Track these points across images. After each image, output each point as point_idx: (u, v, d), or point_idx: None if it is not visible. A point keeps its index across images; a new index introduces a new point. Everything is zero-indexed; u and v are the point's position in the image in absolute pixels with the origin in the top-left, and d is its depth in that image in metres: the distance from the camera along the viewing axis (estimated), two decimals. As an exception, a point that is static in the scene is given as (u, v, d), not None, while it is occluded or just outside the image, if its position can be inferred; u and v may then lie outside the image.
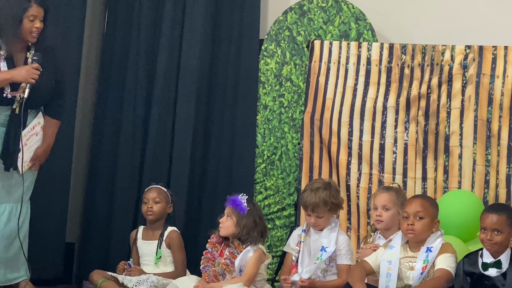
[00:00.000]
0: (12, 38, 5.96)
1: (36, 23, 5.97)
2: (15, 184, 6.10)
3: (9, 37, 5.96)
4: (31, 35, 5.99)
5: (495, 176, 6.43)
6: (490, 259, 5.37)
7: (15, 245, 6.11)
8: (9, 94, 5.93)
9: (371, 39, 7.01)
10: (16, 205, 6.10)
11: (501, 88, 6.46)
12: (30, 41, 6.04)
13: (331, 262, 5.93)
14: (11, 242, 6.08)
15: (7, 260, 6.08)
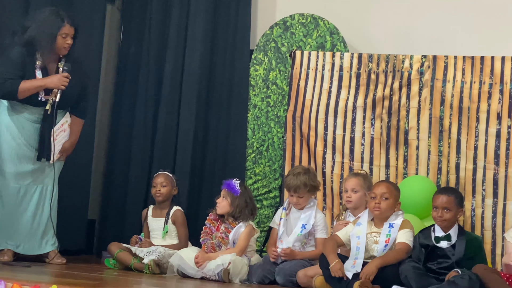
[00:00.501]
0: (46, 51, 5.99)
1: (67, 39, 6.03)
2: (45, 170, 6.14)
3: (45, 51, 6.00)
4: (63, 49, 6.05)
5: (446, 164, 6.43)
6: (441, 233, 5.43)
7: (44, 221, 6.13)
8: (43, 98, 5.99)
9: (343, 49, 6.99)
10: (45, 186, 6.15)
11: (451, 91, 6.45)
12: (61, 54, 6.07)
13: (309, 236, 6.00)
14: (41, 218, 6.13)
15: (39, 233, 6.13)
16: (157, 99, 7.40)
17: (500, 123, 6.35)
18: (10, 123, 6.04)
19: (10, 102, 6.02)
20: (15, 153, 6.05)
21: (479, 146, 6.38)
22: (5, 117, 6.05)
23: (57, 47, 6.03)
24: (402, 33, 6.98)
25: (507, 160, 6.30)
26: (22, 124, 6.07)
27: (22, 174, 6.09)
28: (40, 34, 5.96)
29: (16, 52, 5.97)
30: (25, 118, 6.07)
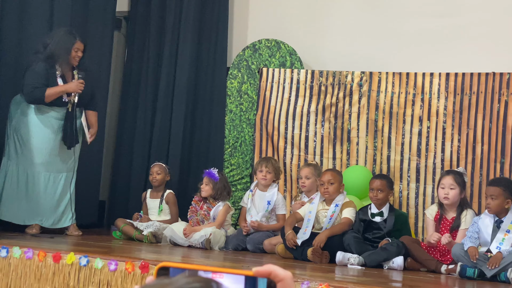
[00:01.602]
0: (63, 62, 6.00)
1: (79, 53, 6.03)
2: (67, 159, 6.11)
3: (63, 63, 6.00)
4: (75, 61, 6.05)
5: (379, 157, 6.44)
6: (376, 210, 5.49)
7: (66, 201, 6.12)
8: (66, 99, 5.99)
9: (300, 67, 6.98)
10: (68, 174, 6.13)
11: (384, 99, 6.45)
12: (74, 65, 6.06)
13: (272, 212, 6.04)
14: (63, 199, 6.12)
15: (60, 211, 6.11)
16: (154, 106, 7.36)
17: (421, 124, 6.36)
18: (38, 122, 5.98)
19: (37, 105, 5.97)
20: (44, 147, 6.00)
21: (405, 142, 6.40)
22: (34, 117, 5.98)
23: (71, 58, 6.03)
24: (346, 54, 6.95)
25: (426, 153, 6.32)
26: (49, 122, 6.02)
27: (50, 164, 6.03)
28: (58, 49, 5.95)
29: (40, 66, 5.92)
30: (52, 117, 6.02)
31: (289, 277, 1.09)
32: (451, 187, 5.28)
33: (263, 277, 1.08)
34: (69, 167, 6.17)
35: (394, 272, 4.98)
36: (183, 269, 1.08)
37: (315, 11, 7.18)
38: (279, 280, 1.08)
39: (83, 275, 4.35)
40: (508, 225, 4.89)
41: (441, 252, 5.19)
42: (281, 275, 1.08)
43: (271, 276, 1.08)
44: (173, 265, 1.09)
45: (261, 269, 1.08)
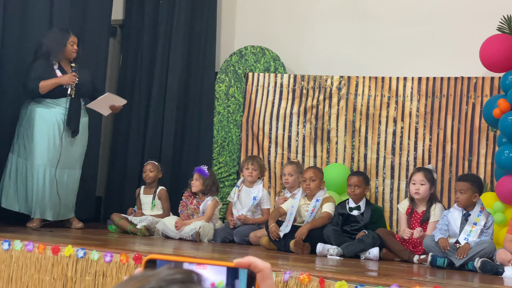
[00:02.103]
0: (60, 56, 6.02)
1: (74, 46, 6.07)
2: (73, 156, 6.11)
3: (61, 57, 6.04)
4: (73, 53, 6.09)
5: (357, 155, 6.44)
6: (353, 205, 5.51)
7: (70, 196, 6.17)
8: (66, 86, 5.97)
9: (283, 72, 6.97)
10: (73, 170, 6.16)
11: (361, 102, 6.45)
12: (72, 58, 6.10)
13: (257, 207, 6.05)
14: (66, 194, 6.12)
15: (64, 205, 6.13)
16: (147, 108, 7.34)
17: (395, 125, 6.37)
18: (43, 119, 5.96)
19: (42, 102, 5.98)
20: (49, 143, 5.98)
21: (380, 142, 6.40)
22: (39, 115, 5.96)
23: (67, 52, 6.07)
24: (325, 60, 6.96)
25: (400, 152, 6.33)
26: (54, 118, 5.99)
27: (55, 159, 5.99)
28: (54, 45, 6.00)
29: (38, 62, 5.97)
30: (57, 113, 5.99)
31: (268, 267, 1.09)
32: (422, 183, 5.31)
33: (243, 268, 1.08)
34: (74, 164, 6.16)
35: (370, 262, 5.00)
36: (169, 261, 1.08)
37: (297, 20, 7.19)
38: (259, 271, 1.08)
39: (80, 266, 4.34)
40: (475, 218, 4.91)
41: (414, 244, 5.21)
42: (260, 266, 1.08)
43: (251, 267, 1.08)
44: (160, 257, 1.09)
45: (241, 260, 1.08)
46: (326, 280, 3.61)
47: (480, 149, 6.06)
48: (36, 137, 5.94)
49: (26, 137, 5.99)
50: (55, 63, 6.02)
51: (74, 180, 6.20)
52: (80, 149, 6.22)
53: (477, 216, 4.90)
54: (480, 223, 4.88)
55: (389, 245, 5.18)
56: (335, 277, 3.63)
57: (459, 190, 4.97)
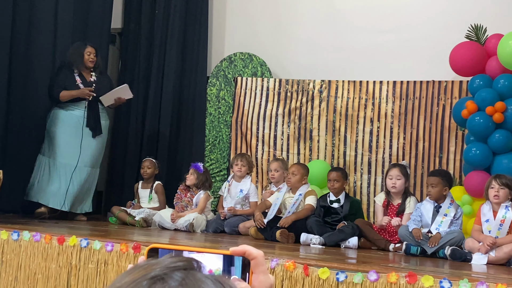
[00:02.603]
0: (80, 66, 6.13)
1: (91, 55, 6.16)
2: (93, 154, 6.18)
3: (79, 65, 6.14)
4: (90, 63, 6.17)
5: (337, 152, 6.46)
6: (334, 198, 5.50)
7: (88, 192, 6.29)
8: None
9: (269, 76, 6.97)
10: (94, 169, 6.25)
11: (340, 103, 6.47)
12: (90, 67, 6.19)
13: (246, 200, 6.05)
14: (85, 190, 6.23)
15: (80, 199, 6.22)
16: (144, 110, 7.32)
17: (372, 125, 6.39)
18: (64, 121, 6.06)
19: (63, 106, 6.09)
20: (70, 143, 6.05)
21: (358, 140, 6.42)
22: (61, 117, 6.07)
23: (85, 61, 6.16)
24: (308, 65, 6.95)
25: (376, 149, 6.35)
26: (74, 120, 6.07)
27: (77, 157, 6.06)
28: (73, 55, 6.15)
29: (61, 71, 6.14)
30: (77, 116, 6.08)
31: (261, 255, 1.09)
32: (398, 177, 5.32)
33: (238, 255, 1.08)
34: (94, 163, 6.23)
35: (350, 250, 5.01)
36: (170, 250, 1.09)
37: (282, 29, 7.19)
38: (253, 258, 1.08)
39: (83, 255, 4.33)
40: (445, 210, 4.94)
41: (390, 233, 5.23)
42: (254, 254, 1.08)
43: (246, 255, 1.08)
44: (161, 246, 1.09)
45: (236, 248, 1.08)
46: (310, 267, 3.63)
47: (449, 147, 6.09)
48: (58, 137, 6.06)
49: (50, 137, 6.11)
50: (76, 72, 6.14)
51: (94, 178, 6.29)
52: (100, 149, 6.29)
53: (447, 208, 4.93)
54: (450, 214, 4.91)
55: (367, 234, 5.20)
56: (318, 264, 3.64)
57: (431, 184, 5.00)
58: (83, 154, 6.08)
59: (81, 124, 6.08)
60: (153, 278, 0.89)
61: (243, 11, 7.41)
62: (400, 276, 3.41)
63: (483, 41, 5.82)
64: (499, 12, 6.09)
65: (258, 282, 1.07)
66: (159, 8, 7.39)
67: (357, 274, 3.49)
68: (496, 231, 4.53)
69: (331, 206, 5.50)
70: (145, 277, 0.90)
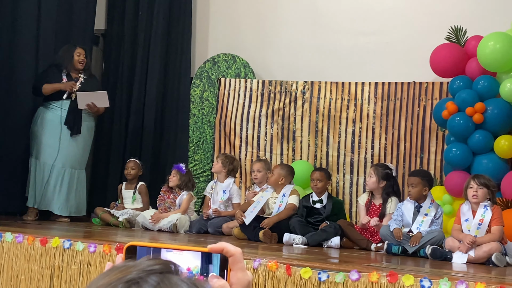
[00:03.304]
0: (69, 67, 6.13)
1: (81, 56, 6.16)
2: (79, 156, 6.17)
3: (68, 66, 6.13)
4: (79, 64, 6.17)
5: (320, 153, 6.47)
6: (316, 198, 5.52)
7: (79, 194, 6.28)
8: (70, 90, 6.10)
9: (252, 77, 6.98)
10: (81, 171, 6.25)
11: (323, 104, 6.48)
12: (79, 67, 6.18)
13: (228, 201, 6.07)
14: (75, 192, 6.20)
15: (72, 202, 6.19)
16: (128, 110, 7.31)
17: (354, 125, 6.41)
18: (49, 122, 6.05)
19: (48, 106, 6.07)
20: (56, 144, 6.02)
21: (341, 141, 6.45)
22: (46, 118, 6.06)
23: (75, 62, 6.16)
24: (291, 66, 6.98)
25: (359, 150, 6.38)
26: (59, 121, 6.05)
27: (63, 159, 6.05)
28: (63, 56, 6.15)
29: (49, 69, 6.14)
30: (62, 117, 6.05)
31: (239, 252, 1.09)
32: (370, 175, 5.41)
33: (216, 253, 1.08)
34: (81, 164, 6.24)
35: (332, 250, 5.02)
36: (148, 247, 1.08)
37: (265, 31, 7.20)
38: (231, 255, 1.08)
39: (66, 256, 4.31)
40: (426, 210, 4.96)
41: (371, 233, 5.25)
42: (232, 251, 1.08)
43: (224, 252, 1.08)
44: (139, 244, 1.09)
45: (215, 246, 1.08)
46: (292, 267, 3.63)
47: (430, 147, 6.13)
48: (43, 138, 6.05)
49: (35, 138, 6.11)
50: (64, 72, 6.15)
51: (80, 180, 6.26)
52: (82, 150, 6.27)
53: (428, 208, 4.96)
54: (430, 214, 4.94)
55: (349, 234, 5.21)
56: (300, 264, 3.65)
57: (411, 184, 5.03)
58: (63, 154, 6.05)
59: (58, 123, 6.06)
60: (128, 282, 0.88)
61: (226, 12, 7.42)
62: (381, 275, 3.42)
63: (463, 42, 5.86)
64: (479, 14, 6.13)
65: (236, 279, 1.07)
66: (142, 9, 7.38)
67: (338, 274, 3.49)
68: (475, 230, 4.57)
69: (313, 206, 5.51)
70: (121, 280, 0.89)
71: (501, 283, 3.23)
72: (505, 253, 4.52)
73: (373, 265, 3.91)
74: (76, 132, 6.14)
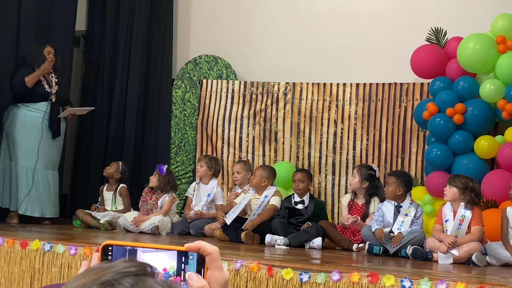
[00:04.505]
0: (40, 65, 6.03)
1: (50, 55, 6.10)
2: (54, 157, 6.12)
3: (39, 65, 6.04)
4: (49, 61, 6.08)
5: (302, 154, 6.48)
6: (298, 199, 5.52)
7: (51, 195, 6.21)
8: (48, 89, 6.04)
9: (234, 79, 6.97)
10: (54, 171, 6.19)
11: (305, 106, 6.49)
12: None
13: (212, 203, 6.05)
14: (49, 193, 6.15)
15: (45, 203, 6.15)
16: (109, 112, 7.26)
17: (336, 126, 6.43)
18: (24, 123, 5.98)
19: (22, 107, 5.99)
20: (31, 146, 5.96)
21: (323, 142, 6.46)
22: (21, 119, 5.99)
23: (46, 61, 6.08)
24: (273, 67, 6.97)
25: (340, 151, 6.40)
26: (34, 122, 5.99)
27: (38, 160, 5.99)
28: (33, 55, 6.06)
29: (22, 69, 6.03)
30: (37, 117, 6.00)
31: (216, 251, 1.09)
32: (354, 175, 5.46)
33: (193, 251, 1.07)
34: (54, 165, 6.18)
35: (314, 251, 5.03)
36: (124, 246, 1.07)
37: (247, 32, 7.20)
38: (208, 254, 1.07)
39: (47, 259, 4.28)
40: (406, 210, 4.99)
41: (353, 233, 5.27)
42: (209, 250, 1.08)
43: (201, 251, 1.07)
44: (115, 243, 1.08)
45: (192, 245, 1.08)
46: (274, 268, 3.64)
47: (411, 148, 6.16)
48: (19, 140, 5.97)
49: (11, 140, 6.01)
50: (36, 69, 6.04)
51: (56, 180, 6.22)
52: (58, 151, 6.24)
53: (407, 208, 4.99)
54: (410, 214, 4.97)
55: (330, 235, 5.23)
56: (282, 265, 3.65)
57: (387, 183, 5.12)
58: (43, 156, 6.01)
59: (39, 126, 5.99)
60: (103, 284, 0.88)
61: (208, 13, 7.41)
62: (362, 275, 3.43)
63: (443, 44, 5.91)
64: (459, 16, 6.18)
65: (213, 277, 1.07)
66: (123, 11, 7.35)
67: (320, 275, 3.50)
68: (456, 230, 4.60)
69: (295, 207, 5.52)
70: (95, 282, 0.89)
71: (481, 283, 3.25)
72: (485, 253, 4.55)
73: (355, 265, 3.92)
74: (58, 134, 6.12)
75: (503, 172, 5.30)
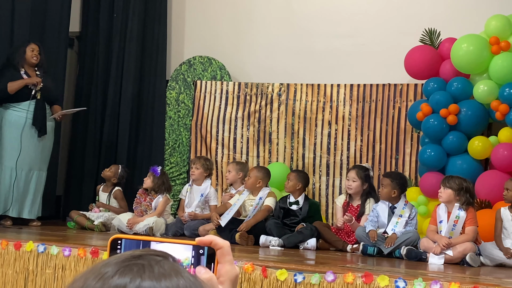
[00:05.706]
0: (23, 62, 6.01)
1: (35, 52, 6.05)
2: (39, 157, 6.06)
3: (22, 62, 6.01)
4: (34, 60, 6.05)
5: (296, 155, 6.48)
6: (293, 200, 5.52)
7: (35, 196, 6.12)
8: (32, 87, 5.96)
9: (228, 79, 6.94)
10: (40, 172, 6.12)
11: (299, 106, 6.49)
12: (34, 63, 6.07)
13: (205, 204, 6.04)
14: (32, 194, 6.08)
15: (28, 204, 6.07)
16: (103, 113, 7.24)
17: (330, 127, 6.43)
18: (9, 122, 5.93)
19: (6, 107, 5.94)
20: (15, 145, 5.90)
21: (317, 143, 6.45)
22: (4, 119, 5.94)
23: (28, 58, 6.04)
24: (267, 68, 6.96)
25: (334, 152, 6.39)
26: (19, 121, 5.92)
27: (22, 161, 5.94)
28: (16, 53, 6.03)
29: (5, 69, 5.98)
30: (21, 117, 5.93)
31: (227, 245, 1.10)
32: (354, 179, 5.40)
33: (205, 245, 1.09)
34: (41, 166, 6.11)
35: (308, 252, 5.04)
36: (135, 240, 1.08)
37: (241, 33, 7.19)
38: (219, 248, 1.09)
39: (41, 261, 4.27)
40: (400, 211, 5.01)
41: (347, 234, 5.27)
42: (220, 244, 1.09)
43: (212, 245, 1.09)
44: (125, 237, 1.09)
45: (203, 239, 1.09)
46: (268, 268, 3.64)
47: (405, 149, 6.17)
48: (5, 140, 5.92)
49: None
50: (22, 70, 6.00)
51: (42, 181, 6.16)
52: (46, 152, 6.18)
53: (402, 209, 5.01)
54: (405, 215, 4.98)
55: (325, 236, 5.24)
56: (276, 266, 3.66)
57: (382, 184, 5.12)
58: (27, 156, 5.95)
59: (23, 125, 5.92)
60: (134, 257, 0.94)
61: (202, 14, 7.41)
62: (357, 276, 3.44)
63: (437, 45, 5.92)
64: (452, 17, 6.20)
65: (224, 271, 1.09)
66: (117, 12, 7.33)
67: (314, 275, 3.51)
68: (450, 231, 4.61)
69: (290, 208, 5.52)
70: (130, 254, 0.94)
71: (475, 283, 3.26)
72: (479, 253, 4.57)
73: (349, 266, 3.93)
74: (44, 133, 6.05)
75: (497, 172, 5.31)
